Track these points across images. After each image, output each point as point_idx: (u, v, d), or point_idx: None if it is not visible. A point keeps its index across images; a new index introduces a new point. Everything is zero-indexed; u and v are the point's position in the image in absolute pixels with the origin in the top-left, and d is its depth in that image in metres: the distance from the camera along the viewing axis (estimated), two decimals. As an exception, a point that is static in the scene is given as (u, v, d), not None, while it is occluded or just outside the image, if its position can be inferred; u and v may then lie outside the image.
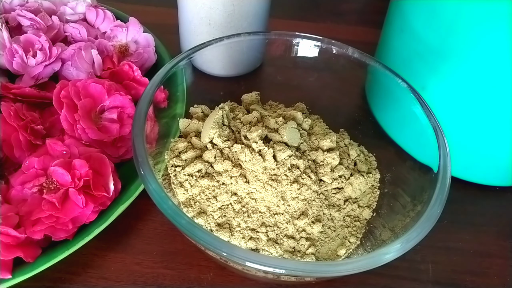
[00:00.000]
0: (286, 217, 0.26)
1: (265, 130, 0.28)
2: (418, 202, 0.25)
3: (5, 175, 0.29)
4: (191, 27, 0.40)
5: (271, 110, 0.34)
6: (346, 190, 0.29)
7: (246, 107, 0.33)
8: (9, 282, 0.25)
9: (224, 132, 0.28)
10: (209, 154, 0.28)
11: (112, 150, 0.31)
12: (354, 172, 0.30)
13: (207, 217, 0.27)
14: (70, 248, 0.27)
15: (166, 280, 0.28)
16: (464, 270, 0.30)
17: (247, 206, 0.27)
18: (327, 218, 0.28)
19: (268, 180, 0.27)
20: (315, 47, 0.34)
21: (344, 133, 0.34)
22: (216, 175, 0.27)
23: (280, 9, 0.53)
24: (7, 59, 0.34)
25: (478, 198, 0.35)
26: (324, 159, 0.28)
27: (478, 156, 0.33)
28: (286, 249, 0.26)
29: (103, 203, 0.28)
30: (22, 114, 0.30)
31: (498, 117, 0.30)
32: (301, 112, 0.32)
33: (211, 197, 0.27)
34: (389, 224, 0.27)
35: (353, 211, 0.29)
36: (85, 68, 0.35)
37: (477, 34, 0.28)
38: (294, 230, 0.26)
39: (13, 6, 0.39)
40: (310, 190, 0.27)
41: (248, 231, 0.26)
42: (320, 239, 0.27)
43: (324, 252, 0.27)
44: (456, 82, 0.30)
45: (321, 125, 0.32)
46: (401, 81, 0.30)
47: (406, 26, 0.33)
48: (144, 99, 0.27)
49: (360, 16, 0.57)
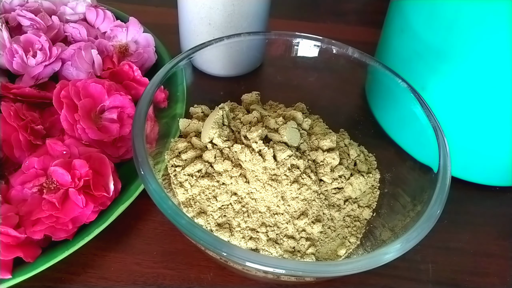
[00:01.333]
0: (286, 217, 0.26)
1: (265, 130, 0.28)
2: (418, 202, 0.25)
3: (5, 175, 0.29)
4: (191, 27, 0.40)
5: (271, 110, 0.34)
6: (346, 190, 0.29)
7: (246, 107, 0.33)
8: (9, 282, 0.25)
9: (224, 132, 0.28)
10: (209, 154, 0.28)
11: (112, 150, 0.31)
12: (354, 172, 0.30)
13: (207, 217, 0.27)
14: (70, 248, 0.27)
15: (166, 280, 0.28)
16: (464, 270, 0.30)
17: (247, 206, 0.27)
18: (327, 218, 0.28)
19: (268, 180, 0.27)
20: (315, 47, 0.34)
21: (344, 133, 0.34)
22: (216, 175, 0.27)
23: (280, 9, 0.53)
24: (7, 59, 0.34)
25: (478, 198, 0.35)
26: (324, 159, 0.28)
27: (478, 156, 0.33)
28: (286, 249, 0.26)
29: (103, 203, 0.28)
30: (22, 114, 0.30)
31: (498, 117, 0.30)
32: (301, 112, 0.32)
33: (211, 197, 0.27)
34: (389, 224, 0.27)
35: (353, 211, 0.29)
36: (85, 68, 0.35)
37: (477, 34, 0.28)
38: (294, 230, 0.27)
39: (13, 6, 0.39)
40: (310, 190, 0.27)
41: (248, 231, 0.26)
42: (320, 239, 0.27)
43: (324, 252, 0.27)
44: (456, 82, 0.30)
45: (321, 125, 0.32)
46: (401, 81, 0.30)
47: (406, 26, 0.33)
48: (144, 99, 0.27)
49: (360, 16, 0.57)
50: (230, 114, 0.30)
